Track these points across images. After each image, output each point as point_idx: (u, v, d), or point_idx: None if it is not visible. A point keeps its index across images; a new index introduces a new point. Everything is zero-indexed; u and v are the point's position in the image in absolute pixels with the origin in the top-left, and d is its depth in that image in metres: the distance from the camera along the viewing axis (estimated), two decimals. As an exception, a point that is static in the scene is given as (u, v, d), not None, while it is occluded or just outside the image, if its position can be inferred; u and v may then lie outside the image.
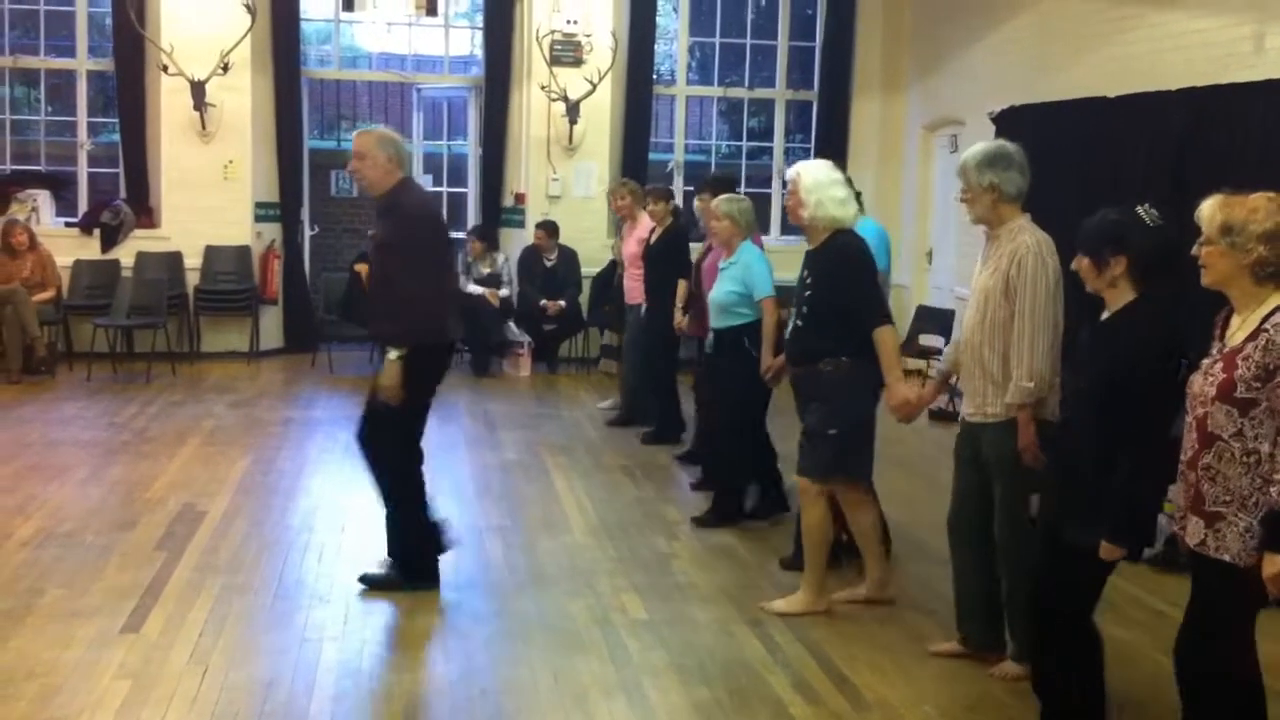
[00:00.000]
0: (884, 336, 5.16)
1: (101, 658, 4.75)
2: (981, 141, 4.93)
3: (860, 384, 5.24)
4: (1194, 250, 3.51)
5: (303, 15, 12.63)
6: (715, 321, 6.77)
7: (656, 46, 13.37)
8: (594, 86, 12.24)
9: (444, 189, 13.52)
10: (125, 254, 11.83)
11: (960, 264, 11.41)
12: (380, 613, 5.39)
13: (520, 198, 12.65)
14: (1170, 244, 3.82)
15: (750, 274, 6.59)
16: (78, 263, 11.69)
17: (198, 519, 6.63)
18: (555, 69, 12.27)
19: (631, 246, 9.28)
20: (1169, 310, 3.86)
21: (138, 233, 11.91)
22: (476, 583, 5.81)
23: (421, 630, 5.21)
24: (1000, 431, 4.55)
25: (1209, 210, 3.46)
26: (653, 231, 8.90)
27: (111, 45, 12.05)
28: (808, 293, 5.29)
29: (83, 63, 12.36)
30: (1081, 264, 3.92)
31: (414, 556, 5.61)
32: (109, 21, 12.05)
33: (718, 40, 13.78)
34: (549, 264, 12.06)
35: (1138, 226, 3.84)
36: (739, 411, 6.78)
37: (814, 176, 5.24)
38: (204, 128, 11.77)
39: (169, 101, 11.77)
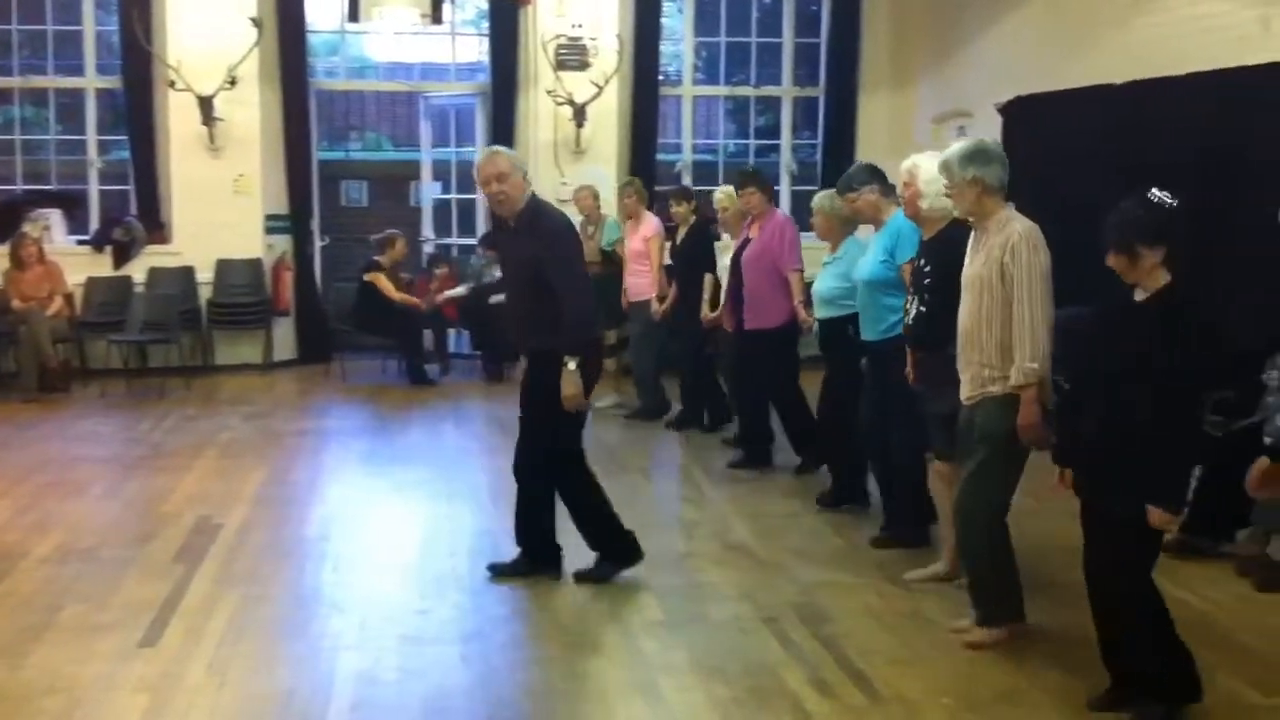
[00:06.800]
0: None
1: (120, 671, 4.74)
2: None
3: None
4: None
5: (309, 27, 12.68)
6: (820, 313, 7.10)
7: (662, 47, 13.36)
8: (600, 90, 12.24)
9: (453, 196, 13.54)
10: (137, 270, 11.91)
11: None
12: (397, 620, 5.38)
13: (530, 203, 12.62)
14: (1177, 220, 4.06)
15: (854, 267, 6.75)
16: (90, 280, 11.75)
17: (214, 531, 6.63)
18: (561, 73, 12.27)
19: (636, 244, 9.81)
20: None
21: (149, 249, 11.98)
22: (493, 587, 5.79)
23: (438, 636, 5.18)
24: (998, 404, 4.81)
25: None
26: (677, 231, 9.45)
27: (120, 63, 12.12)
28: (927, 280, 5.45)
29: (91, 81, 12.46)
30: (1119, 261, 4.08)
31: (610, 541, 5.82)
32: (116, 39, 12.11)
33: (723, 39, 13.78)
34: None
35: (1161, 212, 4.05)
36: (844, 395, 6.93)
37: (931, 170, 5.34)
38: (213, 142, 11.83)
39: (177, 117, 11.84)
